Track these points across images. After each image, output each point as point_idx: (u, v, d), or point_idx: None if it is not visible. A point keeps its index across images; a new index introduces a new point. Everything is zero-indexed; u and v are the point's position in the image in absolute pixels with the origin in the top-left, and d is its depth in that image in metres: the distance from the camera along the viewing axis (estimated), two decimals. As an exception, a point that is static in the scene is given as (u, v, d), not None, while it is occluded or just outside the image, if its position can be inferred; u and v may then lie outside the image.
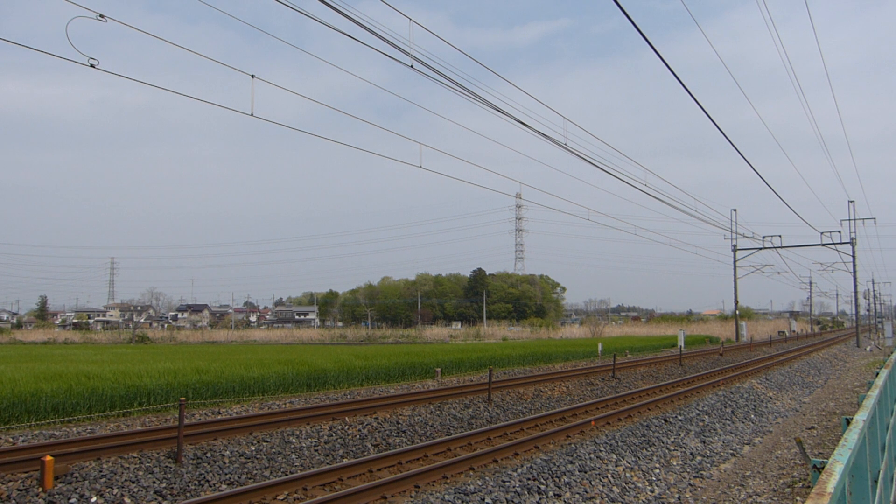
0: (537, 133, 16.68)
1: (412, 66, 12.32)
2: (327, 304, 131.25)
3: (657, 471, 11.51)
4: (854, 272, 55.14)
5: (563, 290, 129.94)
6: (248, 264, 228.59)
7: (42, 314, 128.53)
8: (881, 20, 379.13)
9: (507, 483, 9.39)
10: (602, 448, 11.87)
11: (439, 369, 22.26)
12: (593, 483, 10.20)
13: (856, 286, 58.40)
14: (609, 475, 10.70)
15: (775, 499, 9.96)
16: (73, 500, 8.36)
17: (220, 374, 18.00)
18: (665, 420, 14.91)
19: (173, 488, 9.25)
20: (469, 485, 9.14)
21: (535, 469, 10.08)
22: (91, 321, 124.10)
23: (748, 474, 11.60)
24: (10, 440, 10.74)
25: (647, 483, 10.78)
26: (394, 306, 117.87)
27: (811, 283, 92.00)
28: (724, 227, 50.23)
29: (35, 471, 8.81)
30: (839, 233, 52.69)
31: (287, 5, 10.59)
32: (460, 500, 8.60)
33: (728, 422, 16.37)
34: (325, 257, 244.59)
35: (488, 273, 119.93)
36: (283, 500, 8.59)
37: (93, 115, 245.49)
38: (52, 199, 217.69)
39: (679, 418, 15.35)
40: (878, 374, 8.89)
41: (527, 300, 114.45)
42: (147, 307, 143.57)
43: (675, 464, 12.14)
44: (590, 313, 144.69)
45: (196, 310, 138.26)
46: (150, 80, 13.86)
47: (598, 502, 9.56)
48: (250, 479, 10.07)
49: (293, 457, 11.27)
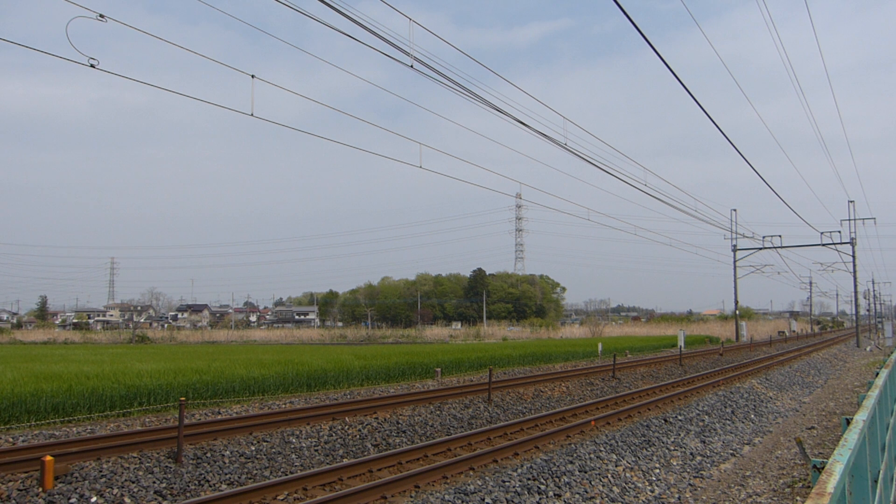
0: (537, 133, 16.68)
1: (412, 66, 12.32)
2: (327, 304, 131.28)
3: (657, 471, 11.51)
4: (854, 272, 55.16)
5: (563, 290, 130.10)
6: (248, 264, 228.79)
7: (42, 314, 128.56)
8: (881, 20, 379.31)
9: (507, 483, 9.39)
10: (602, 448, 11.87)
11: (439, 369, 22.26)
12: (593, 483, 10.20)
13: (856, 286, 58.43)
14: (609, 475, 10.70)
15: (775, 499, 9.96)
16: (73, 500, 8.37)
17: (220, 374, 18.01)
18: (665, 420, 14.91)
19: (173, 488, 9.25)
20: (469, 485, 9.14)
21: (535, 469, 10.08)
22: (91, 321, 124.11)
23: (748, 474, 11.60)
24: (10, 440, 10.74)
25: (647, 483, 10.78)
26: (394, 306, 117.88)
27: (811, 283, 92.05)
28: (724, 227, 50.27)
29: (35, 471, 8.81)
30: (839, 233, 52.75)
31: (287, 5, 10.59)
32: (460, 500, 8.60)
33: (728, 422, 16.37)
34: (325, 257, 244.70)
35: (488, 273, 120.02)
36: (283, 500, 8.59)
37: (93, 115, 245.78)
38: (52, 199, 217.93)
39: (679, 418, 15.35)
40: (878, 374, 8.90)
41: (527, 300, 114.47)
42: (147, 307, 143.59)
43: (675, 464, 12.14)
44: (590, 313, 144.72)
45: (196, 310, 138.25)
46: (150, 80, 13.88)
47: (598, 502, 9.57)
48: (250, 479, 10.07)
49: (293, 457, 11.28)
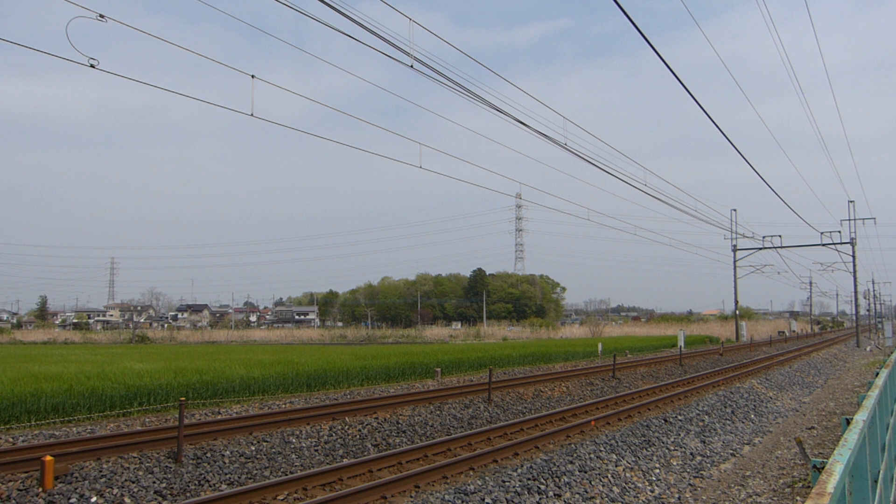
0: (537, 133, 16.68)
1: (412, 66, 12.32)
2: (327, 304, 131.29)
3: (657, 471, 11.51)
4: (854, 272, 55.16)
5: (563, 290, 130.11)
6: (248, 264, 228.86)
7: (42, 314, 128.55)
8: (881, 20, 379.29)
9: (507, 483, 9.39)
10: (602, 448, 11.87)
11: (439, 369, 22.26)
12: (593, 483, 10.20)
13: (856, 286, 58.43)
14: (609, 475, 10.70)
15: (775, 499, 9.95)
16: (73, 500, 8.36)
17: (220, 374, 18.01)
18: (665, 420, 14.91)
19: (173, 488, 9.25)
20: (469, 485, 9.14)
21: (535, 469, 10.08)
22: (91, 321, 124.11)
23: (748, 474, 11.60)
24: (10, 440, 10.74)
25: (647, 483, 10.78)
26: (394, 306, 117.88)
27: (811, 283, 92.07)
28: (724, 227, 50.28)
29: (35, 471, 8.81)
30: (839, 233, 52.75)
31: (287, 5, 10.59)
32: (460, 500, 8.60)
33: (728, 422, 16.36)
34: (325, 257, 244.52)
35: (488, 273, 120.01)
36: (283, 500, 8.59)
37: (93, 115, 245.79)
38: (52, 199, 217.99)
39: (679, 418, 15.35)
40: (878, 374, 8.89)
41: (527, 300, 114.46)
42: (147, 307, 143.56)
43: (675, 464, 12.14)
44: (590, 313, 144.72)
45: (196, 310, 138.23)
46: (150, 80, 13.88)
47: (598, 502, 9.57)
48: (250, 479, 10.07)
49: (293, 457, 11.27)
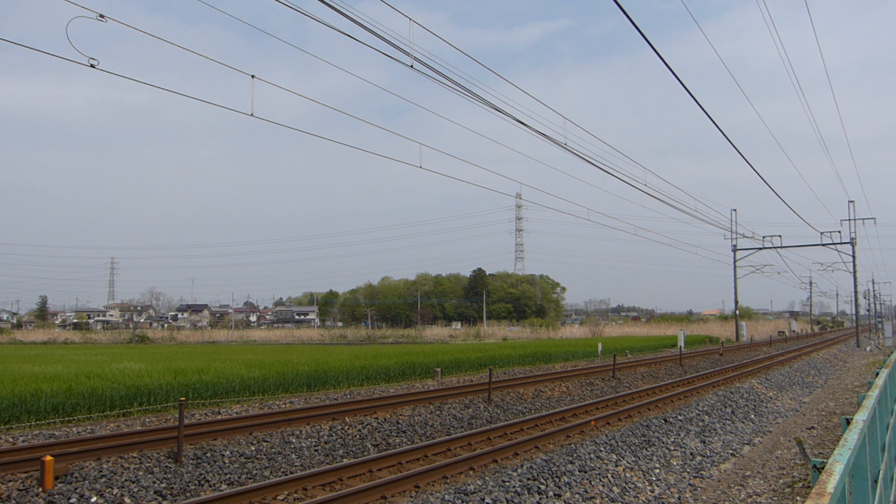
0: (537, 133, 16.68)
1: (412, 66, 12.32)
2: (327, 304, 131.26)
3: (657, 471, 11.51)
4: (854, 272, 55.16)
5: (563, 290, 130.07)
6: (248, 264, 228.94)
7: (42, 314, 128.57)
8: (881, 20, 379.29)
9: (507, 483, 9.39)
10: (602, 448, 11.87)
11: (439, 369, 22.26)
12: (593, 483, 10.20)
13: (856, 286, 58.43)
14: (609, 475, 10.70)
15: (775, 499, 9.96)
16: (73, 500, 8.37)
17: (220, 374, 18.00)
18: (665, 420, 14.91)
19: (173, 488, 9.25)
20: (469, 485, 9.14)
21: (535, 469, 10.08)
22: (91, 321, 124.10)
23: (748, 474, 11.60)
24: (10, 440, 10.74)
25: (647, 483, 10.78)
26: (394, 306, 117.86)
27: (811, 283, 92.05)
28: (724, 227, 50.29)
29: (35, 471, 8.81)
30: (839, 233, 52.75)
31: (287, 5, 10.59)
32: (460, 500, 8.60)
33: (728, 422, 16.36)
34: (325, 257, 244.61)
35: (488, 273, 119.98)
36: (283, 500, 8.59)
37: (93, 115, 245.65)
38: (52, 199, 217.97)
39: (679, 418, 15.35)
40: (878, 374, 8.90)
41: (527, 300, 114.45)
42: (147, 307, 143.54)
43: (675, 464, 12.14)
44: (590, 313, 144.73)
45: (196, 310, 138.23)
46: (150, 80, 13.88)
47: (598, 502, 9.57)
48: (250, 479, 10.07)
49: (293, 457, 11.27)
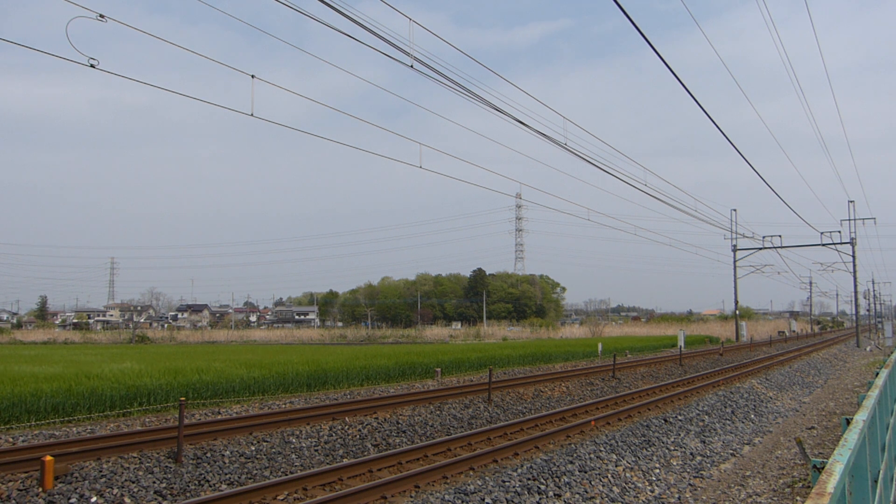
0: (537, 133, 16.68)
1: (412, 66, 12.32)
2: (327, 304, 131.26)
3: (657, 471, 11.51)
4: (854, 272, 55.16)
5: (563, 290, 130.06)
6: (248, 264, 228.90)
7: (42, 314, 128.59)
8: (881, 20, 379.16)
9: (507, 483, 9.39)
10: (602, 448, 11.87)
11: (439, 369, 22.26)
12: (593, 483, 10.20)
13: (856, 286, 58.43)
14: (609, 475, 10.70)
15: (775, 499, 9.96)
16: (73, 500, 8.37)
17: (220, 374, 18.00)
18: (665, 420, 14.91)
19: (173, 488, 9.25)
20: (469, 485, 9.14)
21: (535, 469, 10.08)
22: (91, 321, 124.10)
23: (748, 474, 11.60)
24: (10, 440, 10.74)
25: (647, 483, 10.78)
26: (394, 306, 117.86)
27: (811, 283, 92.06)
28: (724, 227, 50.29)
29: (35, 471, 8.81)
30: (839, 233, 52.76)
31: (287, 5, 10.59)
32: (460, 500, 8.60)
33: (728, 422, 16.36)
34: (325, 257, 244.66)
35: (488, 273, 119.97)
36: (283, 500, 8.59)
37: (93, 115, 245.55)
38: (52, 199, 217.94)
39: (679, 418, 15.35)
40: (878, 374, 8.90)
41: (527, 300, 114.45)
42: (147, 307, 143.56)
43: (675, 464, 12.14)
44: (590, 313, 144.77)
45: (196, 310, 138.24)
46: (150, 80, 13.87)
47: (598, 502, 9.57)
48: (250, 479, 10.07)
49: (293, 457, 11.28)
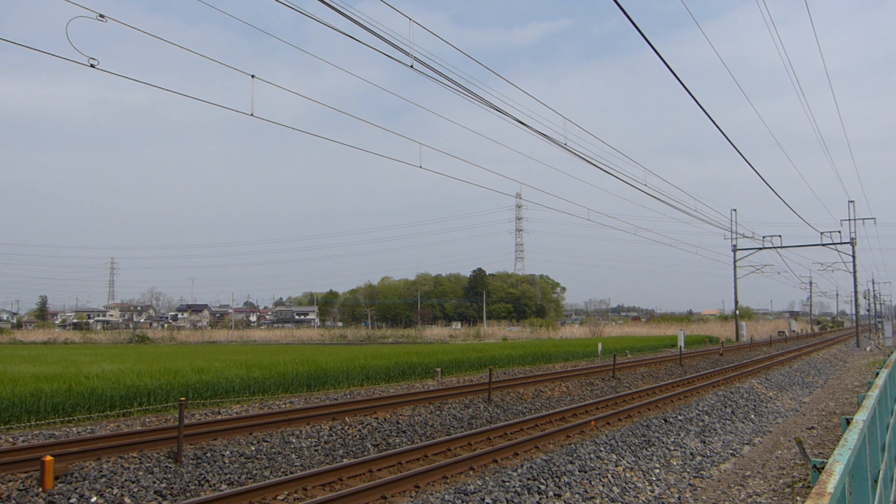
0: (537, 133, 16.68)
1: (412, 66, 12.32)
2: (327, 304, 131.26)
3: (657, 471, 11.51)
4: (854, 272, 55.16)
5: (563, 290, 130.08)
6: (248, 264, 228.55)
7: (42, 314, 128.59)
8: (881, 20, 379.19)
9: (507, 483, 9.39)
10: (602, 448, 11.87)
11: (439, 369, 22.26)
12: (593, 483, 10.20)
13: (856, 286, 58.43)
14: (609, 475, 10.70)
15: (775, 499, 9.96)
16: (73, 500, 8.37)
17: (220, 374, 18.00)
18: (665, 420, 14.91)
19: (173, 488, 9.25)
20: (469, 485, 9.14)
21: (535, 469, 10.08)
22: (91, 321, 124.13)
23: (748, 474, 11.60)
24: (10, 440, 10.74)
25: (647, 483, 10.78)
26: (394, 306, 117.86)
27: (811, 283, 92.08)
28: (724, 227, 50.29)
29: (35, 471, 8.81)
30: (839, 233, 52.76)
31: (287, 5, 10.59)
32: (460, 500, 8.60)
33: (728, 422, 16.36)
34: (325, 257, 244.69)
35: (488, 273, 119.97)
36: (283, 500, 8.59)
37: (93, 115, 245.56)
38: (52, 199, 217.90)
39: (679, 418, 15.35)
40: (878, 374, 8.90)
41: (527, 300, 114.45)
42: (147, 307, 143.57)
43: (675, 464, 12.14)
44: (590, 313, 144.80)
45: (196, 310, 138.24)
46: (150, 80, 13.87)
47: (598, 502, 9.57)
48: (250, 479, 10.07)
49: (293, 457, 11.28)
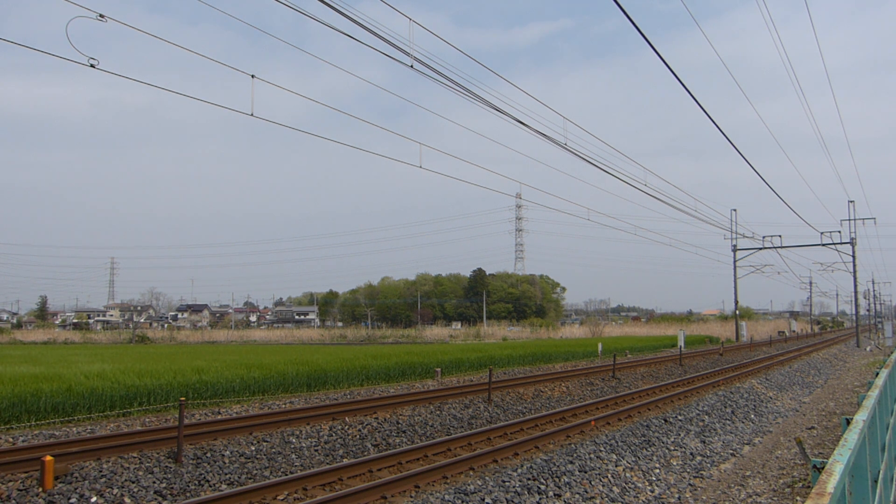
0: (537, 133, 16.68)
1: (412, 66, 12.32)
2: (327, 304, 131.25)
3: (657, 471, 11.51)
4: (854, 272, 55.15)
5: (563, 290, 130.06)
6: (248, 264, 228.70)
7: (42, 314, 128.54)
8: (881, 20, 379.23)
9: (507, 483, 9.39)
10: (602, 448, 11.87)
11: (439, 369, 22.26)
12: (593, 483, 10.20)
13: (856, 286, 58.43)
14: (609, 475, 10.70)
15: (775, 499, 9.96)
16: (73, 500, 8.37)
17: (220, 374, 18.00)
18: (665, 420, 14.91)
19: (173, 488, 9.25)
20: (469, 485, 9.14)
21: (535, 469, 10.08)
22: (91, 321, 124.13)
23: (748, 474, 11.60)
24: (10, 440, 10.74)
25: (647, 483, 10.78)
26: (394, 306, 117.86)
27: (811, 283, 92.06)
28: (724, 227, 50.30)
29: (35, 471, 8.81)
30: (839, 233, 52.75)
31: (287, 5, 10.59)
32: (460, 500, 8.60)
33: (728, 422, 16.36)
34: (325, 257, 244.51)
35: (488, 273, 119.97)
36: (283, 500, 8.59)
37: (93, 115, 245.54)
38: (52, 199, 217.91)
39: (679, 418, 15.35)
40: (878, 374, 8.90)
41: (527, 300, 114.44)
42: (147, 307, 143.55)
43: (675, 464, 12.14)
44: (590, 313, 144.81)
45: (196, 310, 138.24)
46: (150, 80, 13.86)
47: (598, 502, 9.57)
48: (250, 479, 10.07)
49: (293, 457, 11.28)
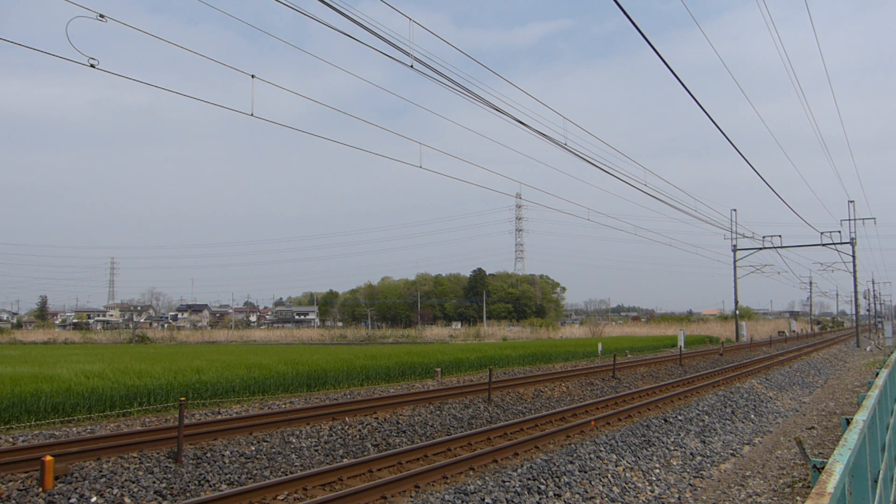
0: (537, 133, 16.68)
1: (412, 67, 12.32)
2: (327, 304, 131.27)
3: (657, 471, 11.51)
4: (854, 272, 55.16)
5: (563, 290, 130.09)
6: (248, 264, 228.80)
7: (42, 314, 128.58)
8: (881, 20, 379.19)
9: (507, 483, 9.39)
10: (602, 448, 11.87)
11: (439, 369, 22.26)
12: (593, 483, 10.20)
13: (856, 286, 58.44)
14: (609, 475, 10.70)
15: (775, 499, 9.96)
16: (73, 500, 8.37)
17: (220, 374, 18.00)
18: (665, 420, 14.91)
19: (173, 488, 9.25)
20: (469, 485, 9.14)
21: (535, 469, 10.09)
22: (91, 321, 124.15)
23: (748, 474, 11.60)
24: (10, 440, 10.74)
25: (647, 483, 10.78)
26: (394, 306, 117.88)
27: (811, 283, 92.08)
28: (724, 227, 50.30)
29: (35, 471, 8.81)
30: (839, 233, 52.76)
31: (287, 5, 10.59)
32: (460, 500, 8.60)
33: (728, 422, 16.37)
34: (325, 257, 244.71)
35: (488, 273, 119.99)
36: (283, 500, 8.59)
37: (93, 115, 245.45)
38: (52, 199, 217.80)
39: (679, 418, 15.35)
40: (878, 374, 8.90)
41: (527, 300, 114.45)
42: (147, 307, 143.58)
43: (675, 464, 12.14)
44: (590, 313, 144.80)
45: (196, 310, 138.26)
46: (150, 80, 13.86)
47: (598, 502, 9.57)
48: (250, 479, 10.07)
49: (293, 457, 11.28)
